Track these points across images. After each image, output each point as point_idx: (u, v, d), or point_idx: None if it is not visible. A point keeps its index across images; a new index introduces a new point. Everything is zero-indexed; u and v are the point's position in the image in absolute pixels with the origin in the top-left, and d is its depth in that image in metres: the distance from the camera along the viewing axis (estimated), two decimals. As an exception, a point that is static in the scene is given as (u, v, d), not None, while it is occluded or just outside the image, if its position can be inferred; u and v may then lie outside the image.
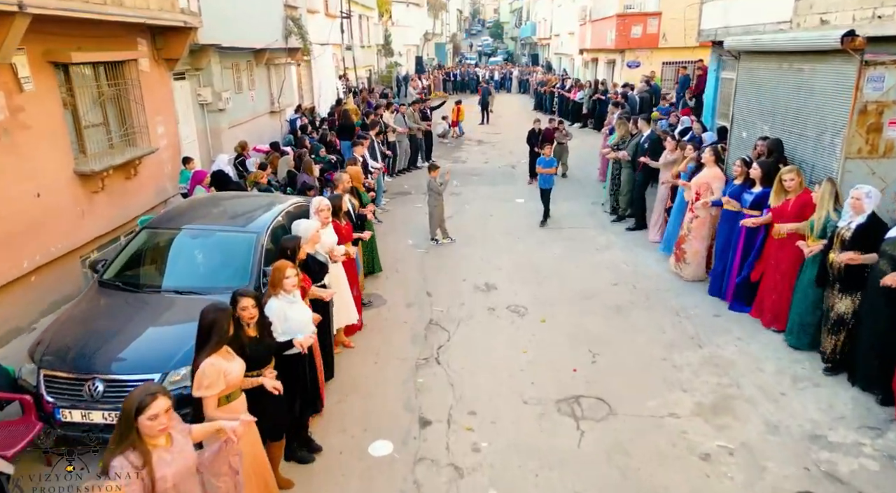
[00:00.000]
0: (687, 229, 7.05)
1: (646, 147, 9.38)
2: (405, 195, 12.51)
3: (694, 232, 6.95)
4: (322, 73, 20.12)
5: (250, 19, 12.73)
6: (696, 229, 6.92)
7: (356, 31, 27.39)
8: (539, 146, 12.24)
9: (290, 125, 15.07)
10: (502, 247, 9.06)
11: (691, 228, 6.97)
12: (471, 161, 16.14)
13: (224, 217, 5.97)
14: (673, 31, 19.07)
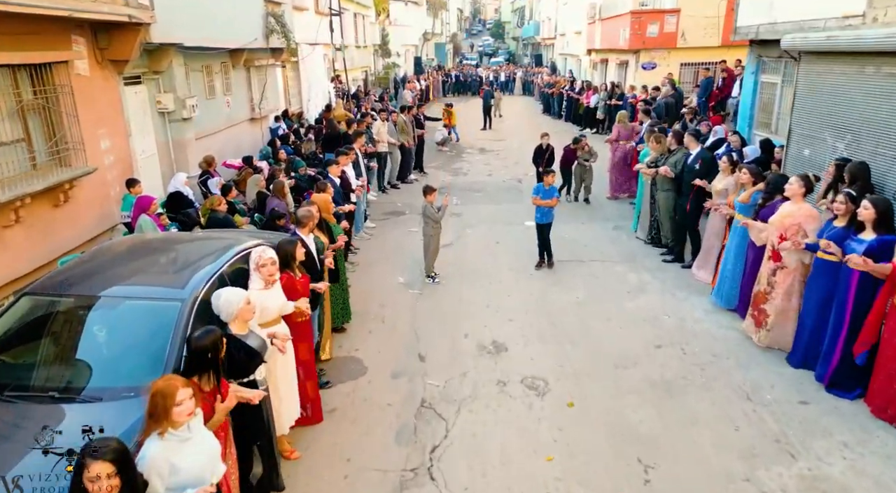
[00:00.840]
0: (768, 284, 5.43)
1: (696, 168, 7.76)
2: (397, 216, 10.96)
3: (779, 286, 5.36)
4: (312, 75, 18.58)
5: (222, 15, 11.19)
6: (782, 283, 5.32)
7: (350, 31, 25.86)
8: (542, 166, 10.59)
9: (271, 134, 13.53)
10: (511, 287, 7.51)
11: (775, 282, 5.35)
12: (472, 173, 14.58)
13: (142, 274, 4.42)
14: (692, 30, 17.54)
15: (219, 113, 12.12)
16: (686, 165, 7.95)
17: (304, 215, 5.17)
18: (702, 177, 7.60)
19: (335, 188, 6.95)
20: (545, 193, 7.90)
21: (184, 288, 4.13)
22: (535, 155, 11.28)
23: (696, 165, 7.82)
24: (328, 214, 5.99)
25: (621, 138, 11.89)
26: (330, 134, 11.91)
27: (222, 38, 11.30)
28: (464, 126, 22.52)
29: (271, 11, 13.46)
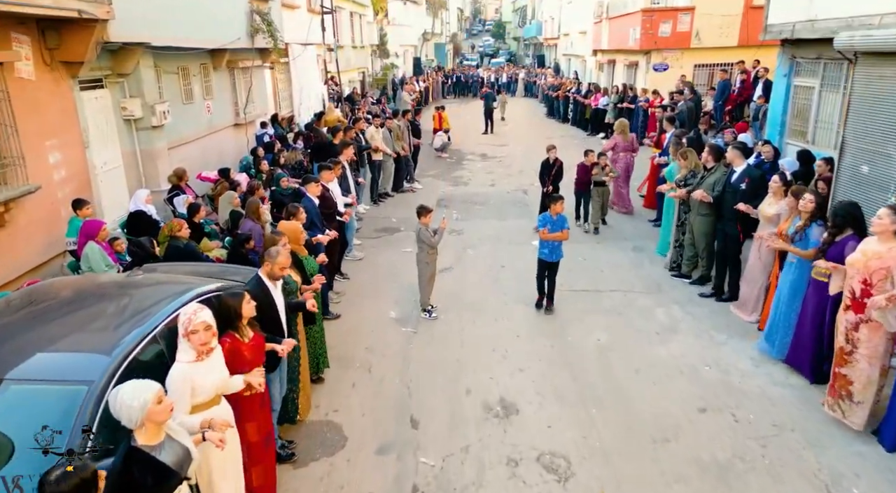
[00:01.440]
0: (846, 341, 4.37)
1: (743, 189, 6.71)
2: (391, 233, 9.92)
3: (864, 345, 4.24)
4: (303, 76, 17.54)
5: (199, 12, 10.17)
6: (867, 341, 4.22)
7: (346, 30, 24.85)
8: (547, 186, 9.51)
9: (256, 142, 12.51)
10: (520, 324, 6.48)
11: (857, 340, 4.29)
12: (474, 183, 13.55)
13: (49, 339, 3.39)
14: (707, 29, 16.52)
15: (197, 119, 11.11)
16: (729, 185, 6.90)
17: (268, 257, 4.12)
18: (749, 199, 6.55)
19: (312, 212, 5.91)
20: (553, 223, 6.50)
21: (98, 361, 3.13)
22: (542, 171, 9.79)
23: (741, 185, 6.78)
24: (298, 245, 4.96)
25: (620, 150, 10.85)
26: (317, 143, 10.87)
27: (199, 37, 10.28)
28: (464, 130, 21.55)
29: (256, 9, 12.44)
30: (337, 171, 7.50)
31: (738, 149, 7.12)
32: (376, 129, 10.61)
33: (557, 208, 6.49)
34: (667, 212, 8.72)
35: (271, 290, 4.04)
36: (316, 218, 6.04)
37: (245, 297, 3.51)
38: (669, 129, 10.51)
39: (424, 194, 12.45)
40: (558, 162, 9.64)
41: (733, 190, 6.92)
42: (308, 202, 6.15)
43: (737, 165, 7.06)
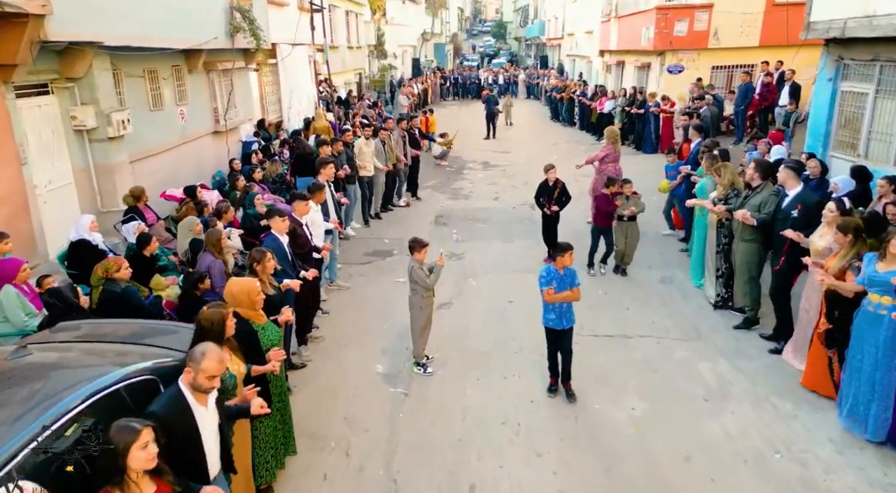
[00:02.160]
0: None
1: (795, 216, 5.59)
2: (382, 258, 8.77)
3: None
4: (294, 78, 16.40)
5: (168, 9, 9.02)
6: None
7: (341, 30, 23.72)
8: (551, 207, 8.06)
9: (243, 150, 11.36)
10: (535, 384, 5.33)
11: None
12: (475, 196, 12.39)
13: None
14: (727, 28, 15.38)
15: (169, 127, 9.96)
16: (780, 210, 5.77)
17: (190, 356, 2.87)
18: (802, 227, 5.44)
19: (279, 254, 4.75)
20: (561, 280, 4.90)
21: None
22: (539, 194, 8.21)
23: (792, 212, 5.65)
24: (254, 311, 3.80)
25: (610, 160, 9.68)
26: (300, 155, 9.72)
27: (168, 36, 9.13)
28: (465, 135, 20.37)
29: (237, 5, 11.29)
30: (319, 198, 6.29)
31: (792, 169, 5.96)
32: (366, 141, 9.41)
33: (565, 261, 4.88)
34: (697, 234, 7.59)
35: (195, 411, 2.80)
36: (284, 261, 4.88)
37: (140, 433, 2.31)
38: (696, 137, 9.35)
39: (421, 209, 11.31)
40: (559, 184, 8.11)
41: (784, 216, 5.80)
42: (273, 242, 5.00)
43: (789, 187, 5.91)
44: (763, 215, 6.00)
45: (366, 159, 9.16)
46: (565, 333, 5.00)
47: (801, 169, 6.07)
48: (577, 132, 21.03)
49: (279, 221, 4.99)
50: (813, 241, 5.28)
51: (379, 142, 9.73)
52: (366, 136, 9.34)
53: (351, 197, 9.08)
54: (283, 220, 4.96)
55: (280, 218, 4.96)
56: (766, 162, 6.48)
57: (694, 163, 8.77)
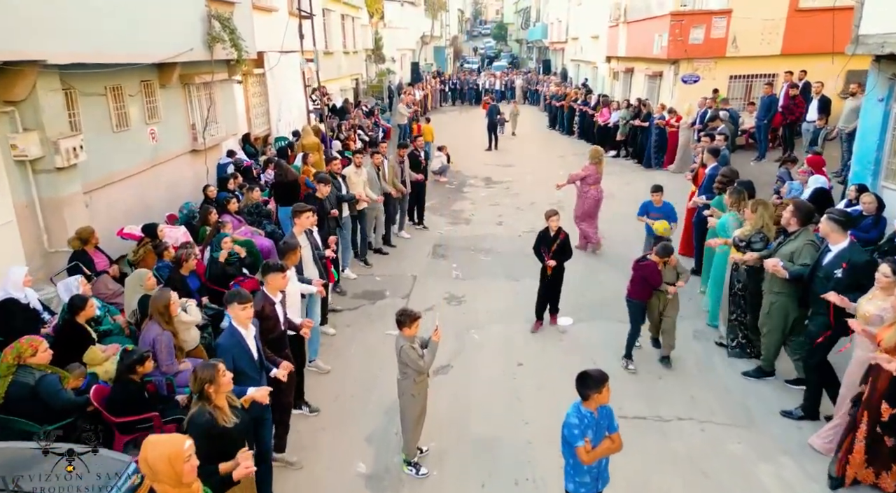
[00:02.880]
0: None
1: (837, 276, 4.64)
2: (374, 300, 7.74)
3: None
4: (283, 88, 15.40)
5: (132, 19, 8.01)
6: None
7: (337, 34, 22.73)
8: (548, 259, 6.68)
9: (217, 173, 10.35)
10: (555, 488, 4.31)
11: None
12: (477, 220, 11.37)
13: None
14: (746, 35, 14.37)
15: (136, 149, 8.95)
16: (820, 267, 4.81)
17: None
18: (845, 289, 4.48)
19: (242, 357, 3.64)
20: (596, 426, 3.36)
21: None
22: (538, 244, 6.80)
23: (836, 271, 4.68)
24: (179, 488, 2.66)
25: (592, 182, 9.11)
26: (280, 181, 8.68)
27: (133, 50, 8.11)
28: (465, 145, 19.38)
29: (215, 13, 10.27)
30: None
31: (838, 222, 4.92)
32: (356, 169, 8.33)
33: (601, 398, 3.31)
34: (715, 272, 6.63)
35: None
36: (248, 364, 3.75)
37: None
38: (711, 162, 8.27)
39: (419, 237, 10.28)
40: (562, 235, 6.69)
41: (825, 275, 4.82)
42: (230, 340, 3.78)
43: (833, 241, 4.91)
44: (798, 268, 5.08)
45: (357, 190, 8.11)
46: None
47: (849, 223, 5.04)
48: (577, 142, 20.03)
49: (239, 309, 3.75)
50: (861, 304, 4.36)
51: (372, 168, 8.66)
52: (356, 163, 8.26)
53: (346, 237, 8.04)
54: (244, 307, 3.77)
55: (240, 305, 3.72)
56: (806, 207, 5.45)
57: (708, 190, 7.78)
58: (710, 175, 7.81)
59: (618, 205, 12.03)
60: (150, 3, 8.45)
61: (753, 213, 6.05)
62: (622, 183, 13.66)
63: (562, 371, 5.90)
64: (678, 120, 14.15)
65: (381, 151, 9.04)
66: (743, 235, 6.04)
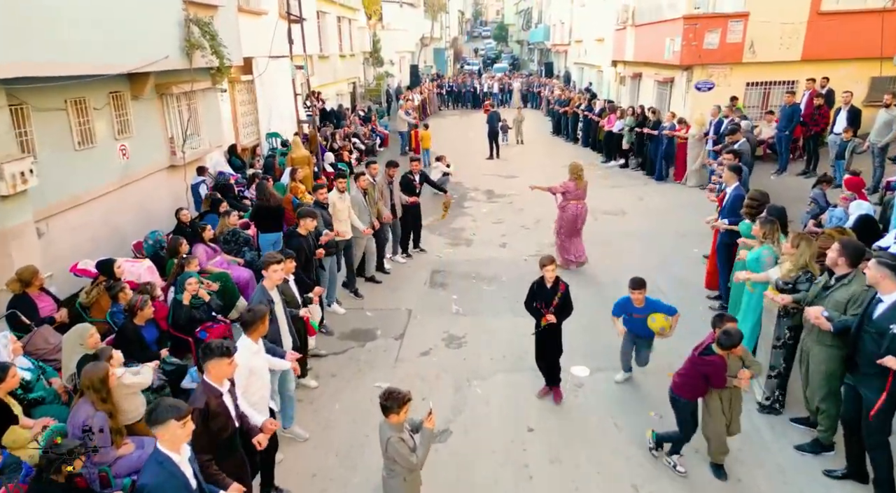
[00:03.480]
0: None
1: (893, 332, 3.85)
2: (362, 342, 6.86)
3: None
4: (274, 95, 14.57)
5: (98, 28, 7.18)
6: None
7: (333, 37, 21.90)
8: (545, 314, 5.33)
9: (193, 195, 9.50)
10: None
11: None
12: (479, 241, 10.52)
13: None
14: (764, 40, 13.52)
15: (102, 168, 8.13)
16: (870, 321, 4.01)
17: None
18: None
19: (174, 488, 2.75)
20: None
21: None
22: (529, 298, 5.55)
23: (891, 326, 3.88)
24: None
25: (572, 197, 8.59)
26: (260, 206, 7.83)
27: (99, 60, 7.27)
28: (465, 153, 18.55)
29: (194, 18, 9.44)
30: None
31: (890, 267, 4.07)
32: (340, 195, 7.39)
33: None
34: (748, 313, 5.80)
35: None
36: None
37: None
38: (732, 181, 7.34)
39: (416, 261, 9.44)
40: (562, 286, 5.39)
41: (878, 331, 4.01)
42: (155, 477, 2.72)
43: (884, 290, 4.09)
44: (846, 319, 4.32)
45: (341, 219, 7.24)
46: None
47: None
48: (581, 149, 19.20)
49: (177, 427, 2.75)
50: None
51: (358, 192, 7.78)
52: (339, 188, 7.36)
53: (333, 271, 7.15)
54: (183, 424, 2.76)
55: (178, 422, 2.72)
56: (856, 247, 4.60)
57: (732, 213, 6.95)
58: (735, 196, 6.96)
59: (628, 222, 11.18)
60: (118, 7, 7.61)
61: (794, 248, 5.23)
62: (633, 198, 12.80)
63: (579, 439, 5.07)
64: (688, 130, 13.29)
65: (371, 172, 8.16)
66: (787, 276, 5.22)
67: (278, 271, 4.72)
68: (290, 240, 5.94)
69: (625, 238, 10.14)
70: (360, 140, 18.06)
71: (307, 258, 6.00)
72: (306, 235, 6.10)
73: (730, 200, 7.14)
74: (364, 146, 18.24)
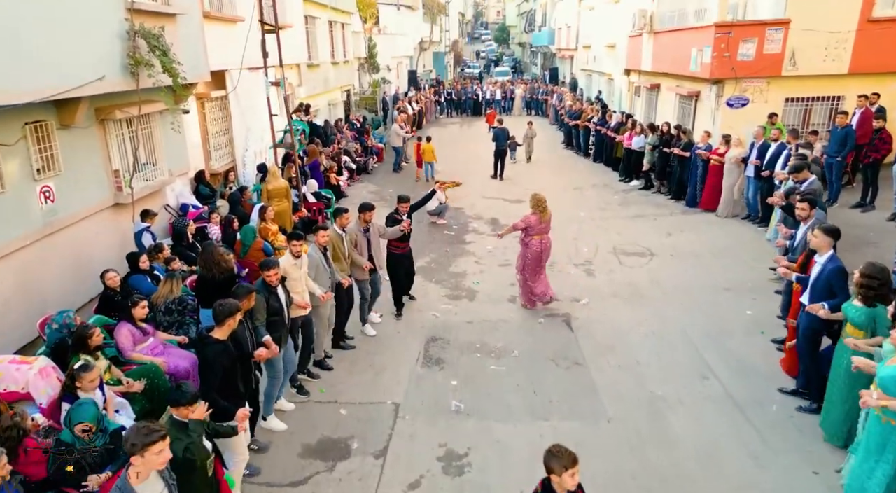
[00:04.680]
0: None
1: None
2: (331, 466, 5.18)
3: None
4: (252, 112, 12.92)
5: (11, 50, 5.57)
6: None
7: (324, 44, 20.28)
8: None
9: (136, 243, 7.84)
10: None
11: None
12: (484, 292, 8.86)
13: None
14: (807, 51, 11.90)
15: (15, 217, 6.49)
16: None
17: None
18: None
19: None
20: None
21: None
22: None
23: None
24: None
25: (534, 232, 7.79)
26: (203, 279, 6.16)
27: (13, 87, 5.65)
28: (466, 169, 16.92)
29: (141, 30, 7.81)
30: None
31: None
32: (294, 261, 5.63)
33: None
34: (873, 447, 4.11)
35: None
36: None
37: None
38: (825, 249, 5.58)
39: (406, 323, 7.80)
40: None
41: None
42: None
43: None
44: None
45: (297, 289, 5.58)
46: None
47: None
48: (599, 168, 17.57)
49: None
50: None
51: (317, 251, 6.09)
52: (293, 252, 5.66)
53: (278, 369, 5.47)
54: None
55: None
56: None
57: (823, 293, 5.25)
58: (833, 271, 5.24)
59: (658, 268, 9.30)
60: (31, 22, 5.99)
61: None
62: (660, 232, 11.08)
63: None
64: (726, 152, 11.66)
65: (342, 222, 6.50)
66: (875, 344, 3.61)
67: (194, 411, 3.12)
68: (205, 349, 4.28)
69: (656, 291, 8.48)
70: (351, 158, 16.43)
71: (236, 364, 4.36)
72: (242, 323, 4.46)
73: (824, 276, 5.29)
74: (356, 164, 16.60)
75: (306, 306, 5.67)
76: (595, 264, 9.65)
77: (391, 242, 7.66)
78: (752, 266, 8.97)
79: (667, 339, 7.07)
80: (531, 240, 7.86)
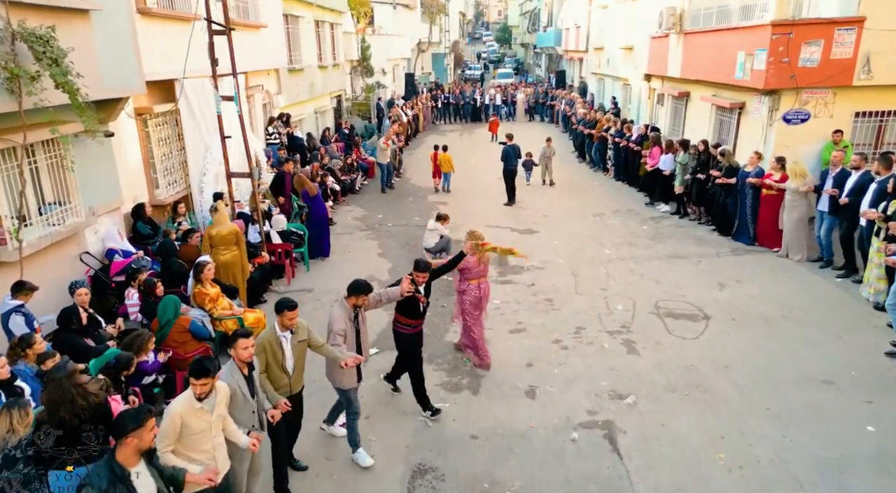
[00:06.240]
0: None
1: None
2: None
3: None
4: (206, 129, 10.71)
5: None
6: None
7: (309, 46, 18.13)
8: None
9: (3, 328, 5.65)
10: None
11: None
12: (491, 381, 6.66)
13: None
14: (884, 56, 9.73)
15: None
16: None
17: None
18: None
19: None
20: None
21: None
22: None
23: None
24: None
25: (473, 275, 6.55)
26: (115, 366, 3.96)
27: None
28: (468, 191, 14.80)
29: (22, 30, 5.65)
30: None
31: None
32: (199, 402, 3.36)
33: None
34: None
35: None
36: None
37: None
38: None
39: (383, 444, 5.62)
40: None
41: None
42: None
43: None
44: None
45: (202, 447, 3.39)
46: None
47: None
48: (620, 187, 15.43)
49: None
50: None
51: (236, 373, 3.90)
52: (197, 393, 3.46)
53: None
54: None
55: None
56: None
57: None
58: None
59: (718, 341, 6.83)
60: None
61: None
62: (710, 281, 8.86)
63: None
64: (782, 179, 9.52)
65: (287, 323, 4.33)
66: None
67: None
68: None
69: (726, 384, 6.22)
70: (335, 178, 14.25)
71: None
72: None
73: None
74: (340, 186, 14.42)
75: (213, 479, 3.48)
76: (635, 332, 7.47)
77: (398, 316, 5.75)
78: (848, 341, 6.80)
79: (760, 474, 4.89)
80: (468, 286, 6.57)
